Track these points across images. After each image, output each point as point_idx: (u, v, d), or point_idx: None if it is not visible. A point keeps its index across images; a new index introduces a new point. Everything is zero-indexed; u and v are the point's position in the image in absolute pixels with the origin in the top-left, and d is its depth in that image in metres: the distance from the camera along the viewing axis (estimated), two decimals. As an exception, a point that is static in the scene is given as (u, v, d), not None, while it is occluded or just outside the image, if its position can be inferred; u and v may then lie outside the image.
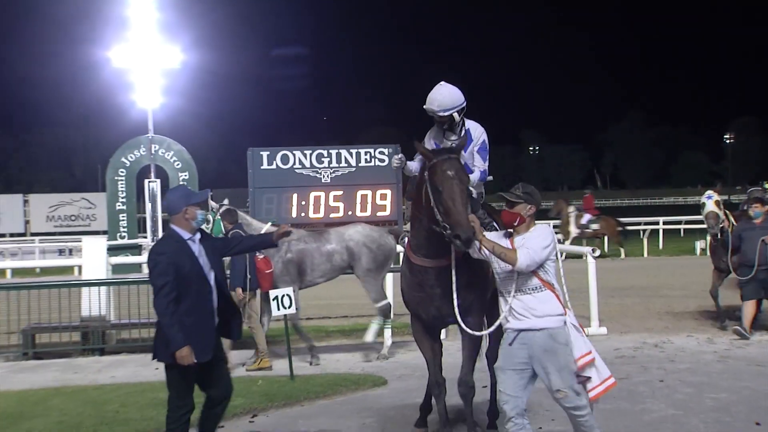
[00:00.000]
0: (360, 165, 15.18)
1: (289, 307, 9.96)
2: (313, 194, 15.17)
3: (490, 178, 7.61)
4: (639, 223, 35.38)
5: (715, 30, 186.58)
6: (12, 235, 48.26)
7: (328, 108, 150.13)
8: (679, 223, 37.21)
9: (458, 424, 7.65)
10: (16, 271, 27.38)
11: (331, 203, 15.18)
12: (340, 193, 14.70)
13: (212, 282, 6.57)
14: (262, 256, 10.96)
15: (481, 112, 7.60)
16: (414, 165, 7.38)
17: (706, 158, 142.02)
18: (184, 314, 6.37)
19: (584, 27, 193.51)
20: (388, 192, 14.78)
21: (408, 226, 6.95)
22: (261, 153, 15.38)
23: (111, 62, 28.28)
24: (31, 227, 50.60)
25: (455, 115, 7.27)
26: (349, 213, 15.18)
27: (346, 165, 15.42)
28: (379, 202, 14.43)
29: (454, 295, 6.52)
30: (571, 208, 29.41)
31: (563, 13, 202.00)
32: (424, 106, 7.30)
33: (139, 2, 27.83)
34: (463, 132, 7.36)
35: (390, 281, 12.52)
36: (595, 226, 28.67)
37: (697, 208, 14.89)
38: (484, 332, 6.81)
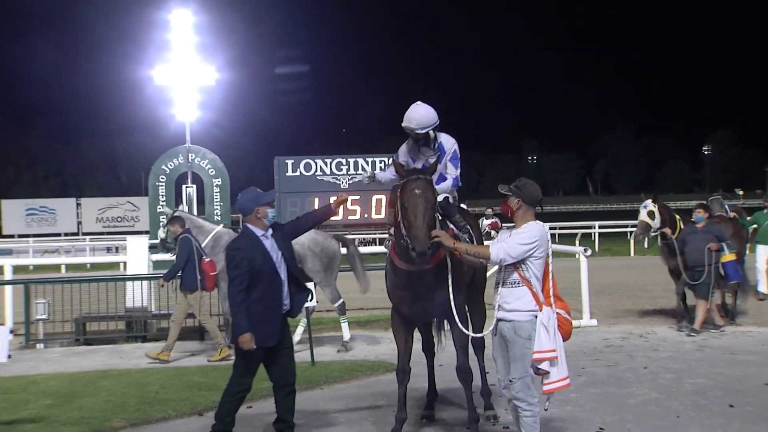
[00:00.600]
0: (376, 172, 15.20)
1: (310, 301, 9.97)
2: (333, 198, 15.21)
3: (458, 185, 7.53)
4: (626, 226, 35.35)
5: (696, 52, 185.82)
6: (66, 234, 48.51)
7: (347, 120, 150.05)
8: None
9: (456, 406, 7.68)
10: (69, 267, 27.64)
11: (350, 207, 15.22)
12: (357, 197, 14.76)
13: (283, 275, 6.62)
14: (208, 260, 10.94)
15: (485, 125, 7.62)
16: (384, 175, 7.53)
17: (687, 167, 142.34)
18: (255, 303, 6.47)
19: (580, 48, 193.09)
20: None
21: (392, 231, 6.89)
22: (286, 161, 15.46)
23: (153, 80, 28.39)
24: (82, 227, 50.89)
25: (430, 132, 7.27)
26: (365, 215, 15.25)
27: (363, 172, 15.44)
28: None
29: (451, 296, 6.48)
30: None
31: (561, 34, 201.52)
32: (402, 125, 7.28)
33: (179, 27, 27.96)
34: (436, 145, 7.34)
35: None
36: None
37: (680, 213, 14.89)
38: (480, 335, 6.77)
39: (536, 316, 5.88)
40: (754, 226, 15.53)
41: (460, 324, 6.55)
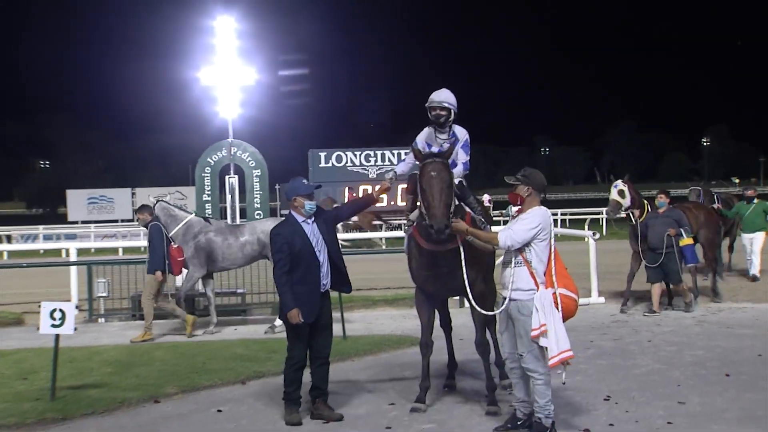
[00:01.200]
0: (395, 169, 15.19)
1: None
2: (362, 187, 15.26)
3: (467, 169, 7.50)
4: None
5: (694, 51, 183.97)
6: (123, 220, 48.87)
7: (375, 114, 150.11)
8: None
9: (475, 377, 7.68)
10: (126, 249, 27.89)
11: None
12: (389, 186, 14.69)
13: (321, 257, 6.64)
14: (176, 246, 10.91)
15: (500, 121, 7.63)
16: (402, 167, 7.56)
17: (687, 158, 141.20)
18: (297, 283, 6.54)
19: (589, 50, 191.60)
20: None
21: (412, 216, 6.89)
22: (319, 153, 15.51)
23: (200, 81, 28.40)
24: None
25: (452, 112, 7.29)
26: (392, 203, 15.22)
27: (389, 163, 15.45)
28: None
29: (465, 275, 6.44)
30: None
31: (571, 37, 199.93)
32: (427, 104, 7.32)
33: (223, 32, 27.92)
34: (451, 133, 7.34)
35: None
36: (354, 219, 27.94)
37: (677, 200, 14.71)
38: (493, 312, 6.59)
39: (533, 295, 5.93)
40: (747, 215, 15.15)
41: (473, 302, 6.53)
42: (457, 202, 6.72)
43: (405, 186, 7.44)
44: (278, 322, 11.04)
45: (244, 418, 6.79)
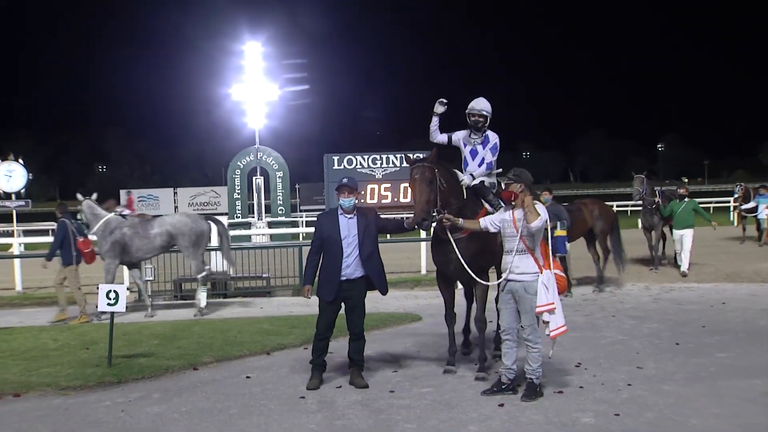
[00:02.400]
0: (403, 165, 15.18)
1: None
2: (369, 186, 15.21)
3: (500, 170, 7.57)
4: (632, 203, 35.29)
5: (651, 71, 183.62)
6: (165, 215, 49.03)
7: (382, 123, 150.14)
8: (626, 206, 36.69)
9: (475, 348, 7.71)
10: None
11: (382, 193, 15.21)
12: (388, 185, 14.73)
13: (347, 249, 6.51)
14: (81, 239, 10.74)
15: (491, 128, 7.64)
16: (437, 133, 7.43)
17: (645, 161, 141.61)
18: (324, 265, 6.61)
19: (563, 65, 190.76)
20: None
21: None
22: (333, 157, 15.48)
23: (231, 96, 28.62)
24: (178, 210, 51.35)
25: (488, 118, 7.36)
26: (395, 200, 15.19)
27: (393, 166, 15.43)
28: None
29: (461, 258, 6.56)
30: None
31: (549, 54, 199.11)
32: (467, 111, 7.38)
33: (251, 55, 28.13)
34: (484, 136, 7.39)
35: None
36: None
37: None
38: (491, 283, 6.75)
39: (538, 277, 6.02)
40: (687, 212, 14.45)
41: (478, 279, 6.69)
42: (441, 197, 6.69)
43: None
44: (203, 303, 11.03)
45: (269, 383, 6.83)
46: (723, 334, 8.37)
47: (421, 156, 7.29)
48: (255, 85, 27.76)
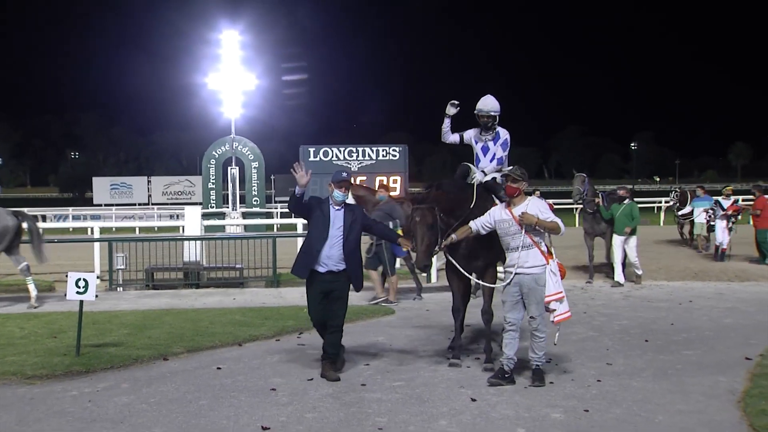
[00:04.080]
0: (379, 158, 15.20)
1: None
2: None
3: (502, 163, 7.58)
4: (572, 203, 35.33)
5: (626, 71, 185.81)
6: (140, 204, 48.63)
7: (358, 115, 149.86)
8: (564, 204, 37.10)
9: (480, 339, 7.71)
10: (141, 229, 27.65)
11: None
12: (364, 178, 14.68)
13: (330, 239, 6.50)
14: None
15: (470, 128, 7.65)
16: (449, 134, 7.61)
17: (619, 159, 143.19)
18: (304, 246, 6.68)
19: (540, 62, 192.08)
20: (399, 178, 14.90)
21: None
22: (309, 149, 15.42)
23: (207, 85, 28.36)
24: (152, 199, 50.94)
25: (497, 117, 7.49)
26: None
27: (368, 158, 15.40)
28: (391, 185, 14.42)
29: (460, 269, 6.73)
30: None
31: (526, 51, 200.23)
32: (475, 111, 7.49)
33: (227, 44, 27.87)
34: (495, 133, 7.51)
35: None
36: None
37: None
38: (498, 285, 6.72)
39: (546, 268, 6.22)
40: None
41: (475, 279, 6.93)
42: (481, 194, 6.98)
43: (385, 179, 7.46)
44: (33, 293, 10.63)
45: (240, 374, 6.77)
46: (690, 331, 8.48)
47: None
48: (232, 75, 27.55)
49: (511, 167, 6.56)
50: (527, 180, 6.43)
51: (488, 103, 7.44)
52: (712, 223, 16.15)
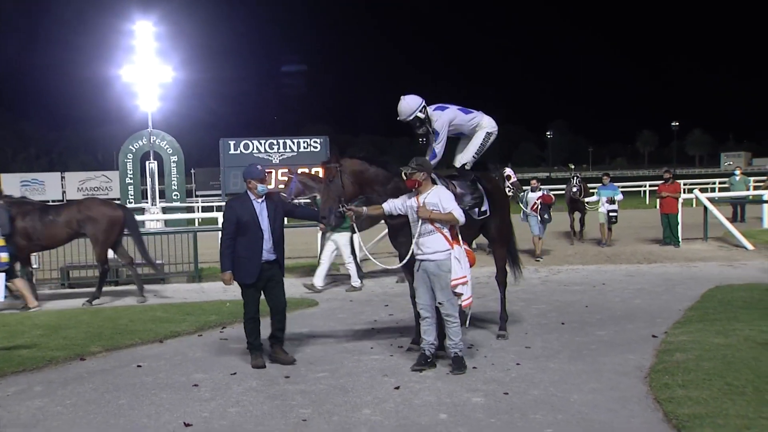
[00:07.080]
0: (300, 150, 15.10)
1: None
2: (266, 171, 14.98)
3: (434, 158, 7.17)
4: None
5: (540, 61, 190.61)
6: (53, 201, 46.72)
7: (277, 107, 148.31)
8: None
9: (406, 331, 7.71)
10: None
11: (280, 178, 15.01)
12: (285, 170, 14.53)
13: (265, 232, 6.56)
14: None
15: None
16: (435, 160, 7.30)
17: (535, 147, 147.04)
18: (240, 248, 6.52)
19: (455, 47, 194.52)
20: (320, 169, 14.75)
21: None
22: (229, 142, 15.17)
23: (121, 78, 27.49)
24: (66, 196, 48.99)
25: (419, 115, 7.07)
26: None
27: (290, 150, 15.28)
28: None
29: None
30: None
31: (443, 37, 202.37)
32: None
33: (142, 34, 27.07)
34: (431, 128, 7.18)
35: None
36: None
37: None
38: (392, 266, 7.27)
39: (450, 253, 6.19)
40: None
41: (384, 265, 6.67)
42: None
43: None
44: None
45: (161, 371, 6.61)
46: (603, 312, 8.80)
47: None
48: (147, 67, 26.74)
49: (412, 159, 6.40)
50: (428, 169, 6.41)
51: (400, 112, 7.05)
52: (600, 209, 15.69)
